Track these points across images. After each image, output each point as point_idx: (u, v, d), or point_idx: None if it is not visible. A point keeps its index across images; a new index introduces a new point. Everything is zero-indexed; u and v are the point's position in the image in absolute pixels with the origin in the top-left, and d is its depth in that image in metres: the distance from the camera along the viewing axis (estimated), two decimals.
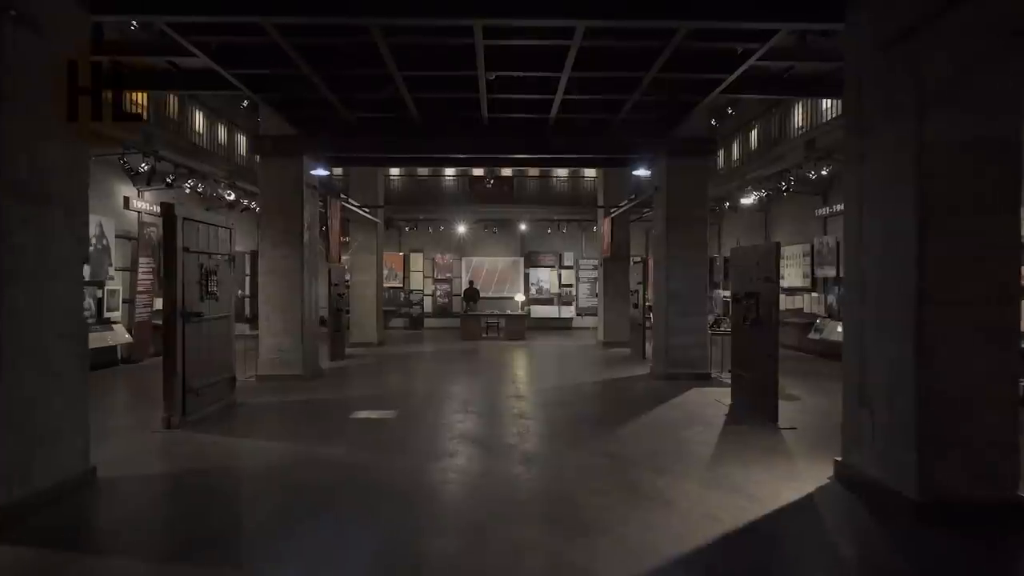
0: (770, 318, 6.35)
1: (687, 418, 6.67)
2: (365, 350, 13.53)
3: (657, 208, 9.78)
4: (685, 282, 9.18)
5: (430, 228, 19.32)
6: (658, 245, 9.69)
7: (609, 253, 13.58)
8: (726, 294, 16.80)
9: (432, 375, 10.16)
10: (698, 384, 8.79)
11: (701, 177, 9.29)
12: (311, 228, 9.40)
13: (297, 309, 9.03)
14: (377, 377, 9.85)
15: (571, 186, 20.20)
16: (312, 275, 9.50)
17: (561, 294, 20.17)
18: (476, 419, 6.66)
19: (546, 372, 10.41)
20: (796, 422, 6.33)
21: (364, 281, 14.38)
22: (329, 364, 11.05)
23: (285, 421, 6.70)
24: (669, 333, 9.16)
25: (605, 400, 7.97)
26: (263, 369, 9.03)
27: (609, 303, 14.47)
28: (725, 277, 16.94)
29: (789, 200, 13.25)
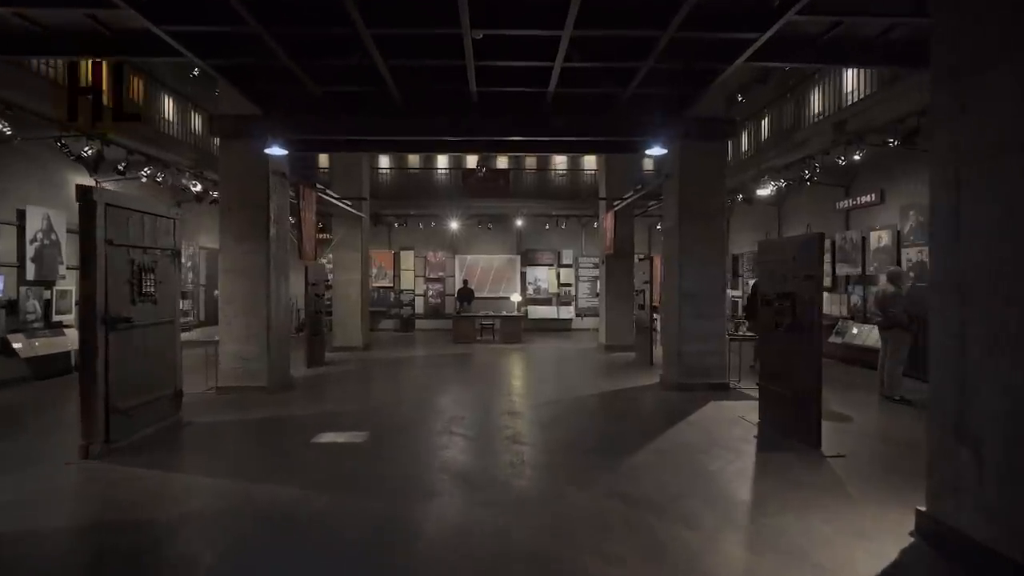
0: (811, 322, 5.32)
1: (710, 441, 5.63)
2: (348, 355, 12.47)
3: (668, 198, 8.74)
4: (700, 281, 8.15)
5: (421, 224, 18.26)
6: (669, 240, 8.66)
7: (612, 250, 12.55)
8: (735, 294, 15.79)
9: (417, 385, 9.11)
10: (715, 396, 7.77)
11: (718, 162, 8.26)
12: (279, 221, 8.34)
13: (263, 312, 7.97)
14: (355, 388, 8.80)
15: (570, 179, 19.17)
16: (282, 274, 8.45)
17: (560, 294, 19.14)
18: (463, 444, 5.61)
19: (544, 381, 9.38)
20: (842, 446, 5.31)
21: (348, 280, 13.33)
22: (305, 372, 10.00)
23: (232, 447, 5.64)
24: (682, 338, 8.13)
25: (612, 417, 6.93)
26: (224, 380, 7.97)
27: (611, 304, 13.45)
28: (735, 276, 15.89)
29: (806, 193, 12.24)
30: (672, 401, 7.58)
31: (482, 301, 18.58)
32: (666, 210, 8.90)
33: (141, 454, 5.13)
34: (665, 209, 8.96)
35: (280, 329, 8.37)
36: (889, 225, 9.92)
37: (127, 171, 9.01)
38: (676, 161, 8.25)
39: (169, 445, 5.50)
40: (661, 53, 5.96)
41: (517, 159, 19.38)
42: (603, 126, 8.06)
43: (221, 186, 8.17)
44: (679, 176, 8.18)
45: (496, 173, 17.71)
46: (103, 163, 8.65)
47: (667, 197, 8.78)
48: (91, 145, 8.10)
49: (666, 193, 8.83)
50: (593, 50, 6.07)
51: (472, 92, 7.21)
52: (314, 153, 18.09)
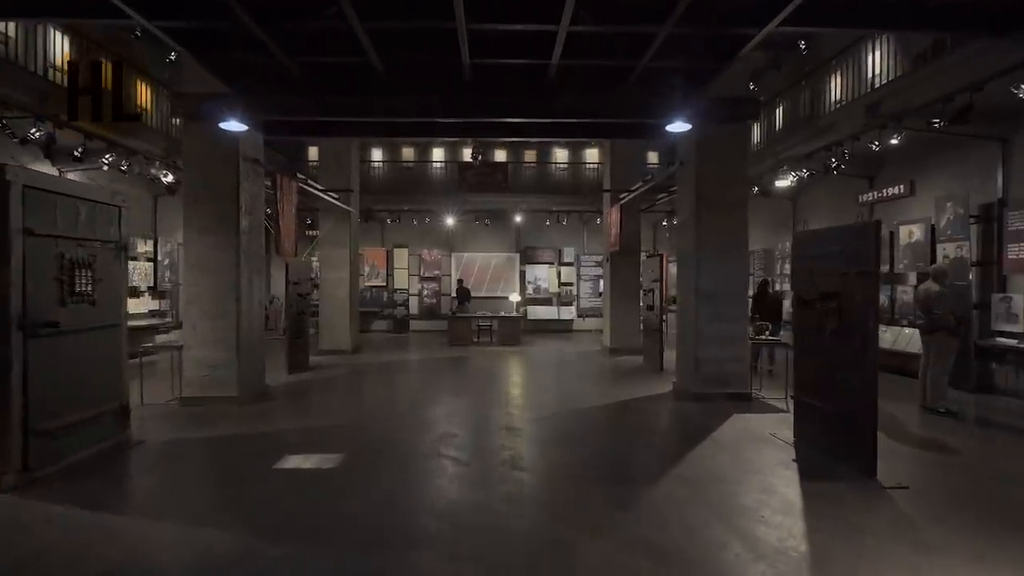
0: (865, 327, 4.49)
1: (742, 466, 4.81)
2: (336, 359, 11.64)
3: (682, 188, 7.91)
4: (720, 279, 7.33)
5: (415, 220, 17.41)
6: (684, 234, 7.83)
7: (618, 247, 11.71)
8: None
9: (406, 395, 8.28)
10: (737, 407, 6.95)
11: (740, 147, 7.43)
12: (252, 212, 7.50)
13: (231, 313, 7.14)
14: (337, 398, 7.95)
15: (571, 173, 18.36)
16: (254, 271, 7.61)
17: (560, 293, 18.32)
18: (453, 471, 4.78)
19: (545, 390, 8.54)
20: (897, 473, 4.49)
21: (335, 279, 12.49)
22: (285, 379, 9.16)
23: (179, 474, 4.79)
24: (700, 343, 7.31)
25: (623, 435, 6.08)
26: (189, 389, 7.14)
27: (616, 304, 12.64)
28: None
29: (824, 185, 11.42)
30: (689, 414, 6.75)
31: (479, 301, 17.75)
32: (680, 201, 8.07)
33: (68, 485, 4.29)
34: (679, 200, 8.13)
35: (252, 332, 7.53)
36: (921, 219, 9.10)
37: (84, 158, 8.14)
38: (693, 146, 7.42)
39: (105, 473, 4.66)
40: (682, 15, 5.14)
41: (516, 151, 18.54)
42: (612, 107, 7.22)
43: (185, 173, 7.32)
44: (696, 162, 7.35)
45: (493, 166, 16.88)
46: (55, 148, 7.77)
47: (682, 187, 7.95)
48: (39, 128, 7.24)
49: (680, 182, 8.00)
50: (605, 10, 5.23)
51: (465, 65, 6.37)
52: (301, 143, 17.30)
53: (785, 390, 7.42)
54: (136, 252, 12.27)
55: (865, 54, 9.56)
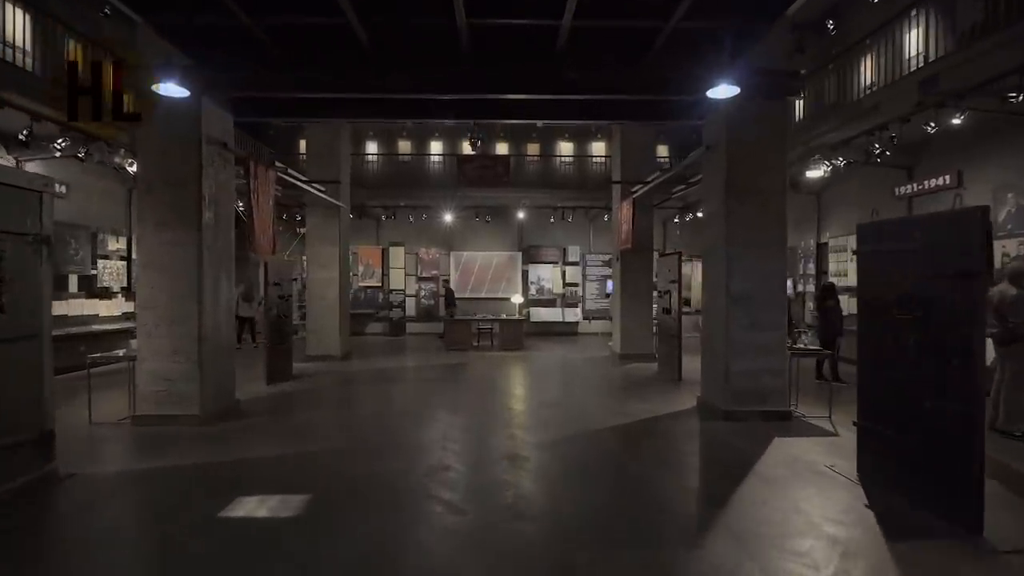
0: (966, 343, 3.53)
1: (804, 514, 3.85)
2: (323, 366, 10.70)
3: (709, 176, 6.96)
4: (754, 280, 6.38)
5: (411, 217, 16.47)
6: (711, 229, 6.88)
7: (630, 244, 10.76)
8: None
9: (396, 411, 7.33)
10: (776, 429, 6.00)
11: (778, 127, 6.47)
12: (218, 203, 6.55)
13: (192, 319, 6.19)
14: (316, 415, 7.00)
15: (577, 167, 17.41)
16: (221, 270, 6.67)
17: (565, 295, 17.36)
18: (444, 521, 3.83)
19: (553, 405, 7.59)
20: (1010, 530, 3.53)
21: (324, 279, 11.54)
22: (263, 390, 8.23)
23: (98, 523, 3.83)
24: (732, 353, 6.35)
25: (649, 467, 5.10)
26: (144, 406, 6.20)
27: (628, 307, 11.67)
28: None
29: (853, 178, 10.46)
30: (722, 437, 5.80)
31: (480, 303, 16.84)
32: (706, 192, 7.11)
33: None
34: (705, 191, 7.17)
35: (219, 340, 6.58)
36: None
37: (31, 143, 7.21)
38: (722, 127, 6.46)
39: (6, 520, 3.71)
40: None
41: (518, 144, 17.60)
42: (630, 81, 6.26)
43: (139, 158, 6.39)
44: (727, 146, 6.39)
45: (494, 159, 15.91)
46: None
47: (708, 175, 6.99)
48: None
49: (707, 170, 7.04)
50: None
51: (462, 30, 5.42)
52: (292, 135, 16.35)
53: (829, 408, 6.48)
54: (108, 250, 11.37)
55: (903, 33, 8.60)
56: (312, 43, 6.09)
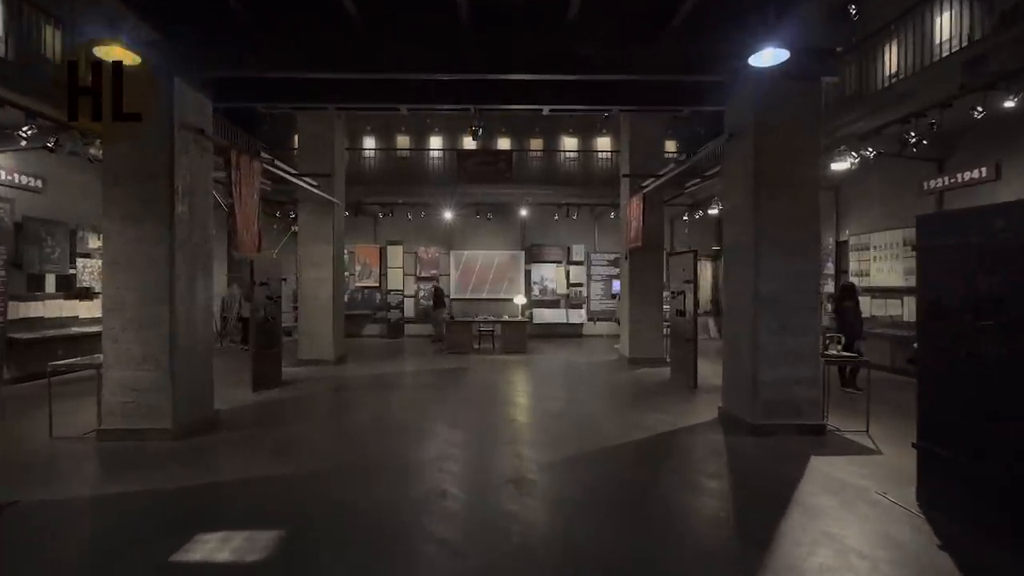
0: None
1: (867, 559, 3.23)
2: (316, 371, 10.12)
3: (733, 167, 6.35)
4: (785, 280, 5.77)
5: (409, 214, 15.86)
6: (736, 224, 6.27)
7: (640, 242, 10.16)
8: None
9: (389, 423, 6.73)
10: (811, 445, 5.41)
11: (812, 110, 5.86)
12: (194, 196, 5.96)
13: (163, 323, 5.60)
14: (302, 429, 6.40)
15: (582, 163, 16.80)
16: (198, 269, 6.07)
17: (569, 295, 16.76)
18: (438, 564, 3.23)
19: (560, 416, 6.98)
20: None
21: (316, 279, 10.96)
22: (248, 398, 7.66)
23: (23, 566, 3.23)
24: (760, 361, 5.75)
25: (675, 494, 4.46)
26: (110, 420, 5.60)
27: (636, 309, 11.08)
28: None
29: (874, 172, 9.85)
30: (752, 456, 5.19)
31: (481, 303, 16.25)
32: (729, 184, 6.50)
33: None
34: (727, 183, 6.57)
35: (194, 346, 5.99)
36: None
37: None
38: (749, 112, 5.86)
39: None
40: None
41: (520, 138, 17.00)
42: (649, 59, 5.65)
43: (105, 147, 5.77)
44: (754, 132, 5.78)
45: (496, 155, 15.32)
46: None
47: (732, 165, 6.38)
48: None
49: (730, 160, 6.43)
50: None
51: (460, 2, 4.82)
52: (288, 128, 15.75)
53: (866, 421, 5.87)
54: (88, 248, 10.77)
55: (933, 16, 7.99)
56: (298, 18, 5.51)
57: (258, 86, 6.42)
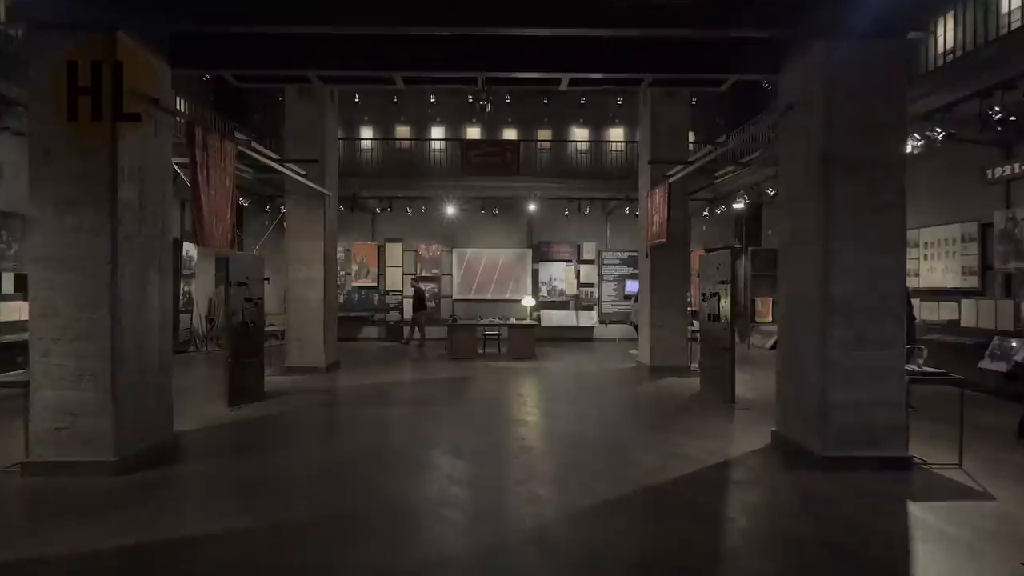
0: None
1: None
2: (304, 380, 9.12)
3: (794, 146, 5.30)
4: (863, 283, 4.74)
5: (409, 209, 14.84)
6: (798, 215, 5.24)
7: (665, 237, 9.11)
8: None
9: (380, 452, 5.69)
10: (899, 485, 4.39)
11: (896, 75, 4.82)
12: (146, 179, 4.94)
13: (104, 333, 4.58)
14: (276, 459, 5.35)
15: (593, 156, 15.76)
16: (151, 267, 5.06)
17: (579, 296, 15.73)
18: None
19: (582, 443, 5.93)
20: None
21: (306, 279, 9.95)
22: (222, 415, 6.65)
23: None
24: (832, 379, 4.71)
25: (757, 563, 3.44)
26: (39, 450, 4.59)
27: (659, 312, 10.06)
28: None
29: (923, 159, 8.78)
30: (833, 502, 4.14)
31: (485, 305, 15.24)
32: (788, 166, 5.46)
33: None
34: (786, 166, 5.52)
35: (145, 359, 4.97)
36: None
37: None
38: (817, 76, 4.82)
39: None
40: None
41: (527, 129, 15.97)
42: (694, 15, 4.61)
43: (30, 114, 4.74)
44: (826, 102, 4.74)
45: (502, 145, 14.28)
46: None
47: (791, 144, 5.34)
48: None
49: (789, 137, 5.38)
50: None
51: None
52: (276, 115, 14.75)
53: (959, 453, 4.82)
54: None
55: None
56: None
57: (224, 47, 5.38)
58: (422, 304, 13.89)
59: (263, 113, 15.04)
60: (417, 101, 15.74)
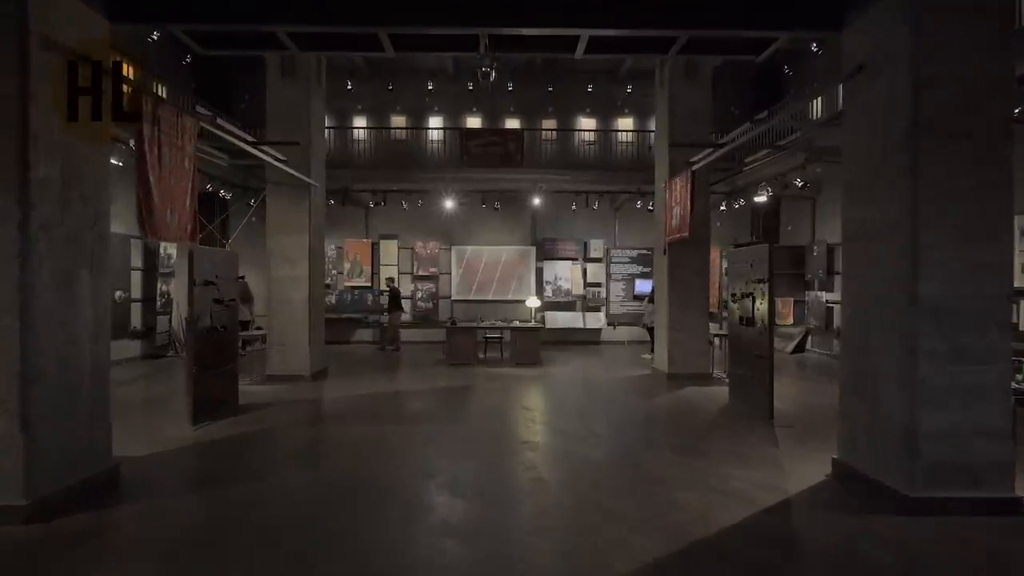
0: None
1: None
2: (287, 389, 8.20)
3: (866, 110, 4.36)
4: (960, 280, 3.81)
5: (405, 203, 13.89)
6: (869, 197, 4.30)
7: (687, 232, 8.18)
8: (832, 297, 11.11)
9: (365, 488, 4.75)
10: (1010, 534, 3.44)
11: (1003, 22, 3.89)
12: (71, 157, 4.00)
13: (11, 347, 3.64)
14: (237, 496, 4.41)
15: (601, 146, 14.83)
16: (80, 265, 4.13)
17: (586, 296, 14.80)
18: None
19: (607, 474, 5.02)
20: None
21: (289, 278, 9.03)
22: (187, 435, 5.73)
23: None
24: (921, 401, 3.79)
25: None
26: None
27: (678, 314, 9.14)
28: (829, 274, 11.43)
29: None
30: (940, 560, 3.22)
31: (486, 306, 14.32)
32: (856, 142, 4.51)
33: None
34: (853, 141, 4.57)
35: (71, 377, 4.03)
36: None
37: None
38: (900, 27, 3.89)
39: None
40: None
41: (531, 119, 15.02)
42: None
43: None
44: (913, 59, 3.81)
45: (504, 134, 13.36)
46: None
47: (863, 110, 4.39)
48: None
49: (860, 103, 4.44)
50: None
51: None
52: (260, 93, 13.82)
53: None
54: None
55: None
56: None
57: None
58: (397, 304, 12.94)
59: (249, 101, 14.07)
60: (414, 89, 14.81)
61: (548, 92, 14.77)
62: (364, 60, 14.27)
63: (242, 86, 14.31)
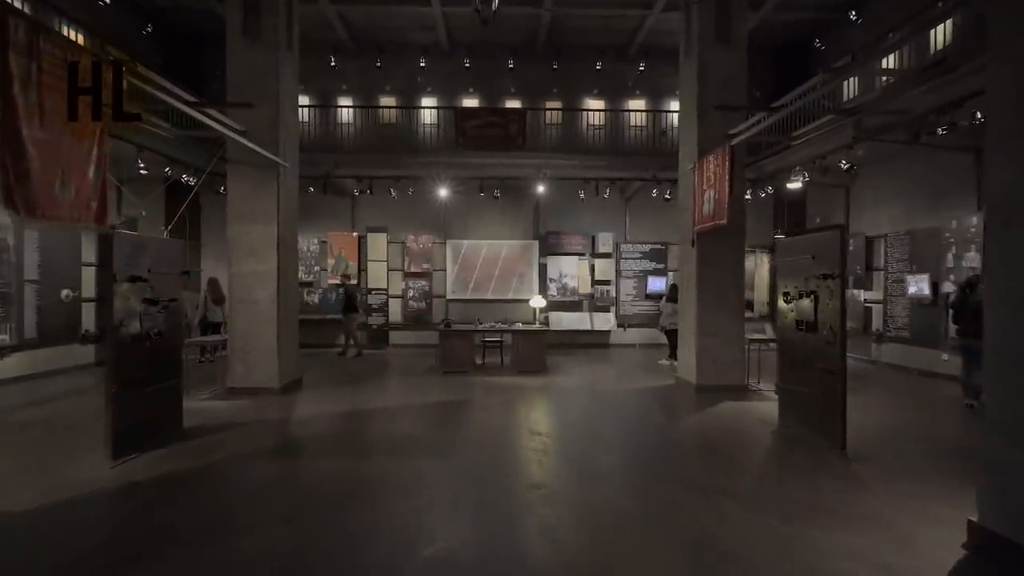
0: None
1: None
2: (250, 406, 6.89)
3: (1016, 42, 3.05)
4: None
5: (394, 191, 12.55)
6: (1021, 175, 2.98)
7: (726, 219, 6.86)
8: (872, 296, 9.76)
9: (334, 555, 3.43)
10: None
11: None
12: None
13: None
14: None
15: (610, 128, 13.50)
16: None
17: (594, 295, 13.49)
18: None
19: (651, 540, 3.73)
20: None
21: (252, 273, 7.70)
22: (104, 475, 4.42)
23: None
24: None
25: None
26: None
27: (709, 316, 7.86)
28: (867, 271, 10.12)
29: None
30: None
31: (484, 306, 13.01)
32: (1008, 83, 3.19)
33: None
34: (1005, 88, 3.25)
35: None
36: None
37: None
38: None
39: None
40: None
41: (533, 100, 13.66)
42: None
43: None
44: None
45: (505, 115, 12.03)
46: None
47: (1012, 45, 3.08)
48: None
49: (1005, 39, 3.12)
50: None
51: None
52: None
53: None
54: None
55: None
56: None
57: None
58: (352, 306, 11.56)
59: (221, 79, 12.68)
60: (405, 67, 13.47)
61: (552, 71, 13.43)
62: (348, 34, 12.90)
63: (214, 63, 12.90)
